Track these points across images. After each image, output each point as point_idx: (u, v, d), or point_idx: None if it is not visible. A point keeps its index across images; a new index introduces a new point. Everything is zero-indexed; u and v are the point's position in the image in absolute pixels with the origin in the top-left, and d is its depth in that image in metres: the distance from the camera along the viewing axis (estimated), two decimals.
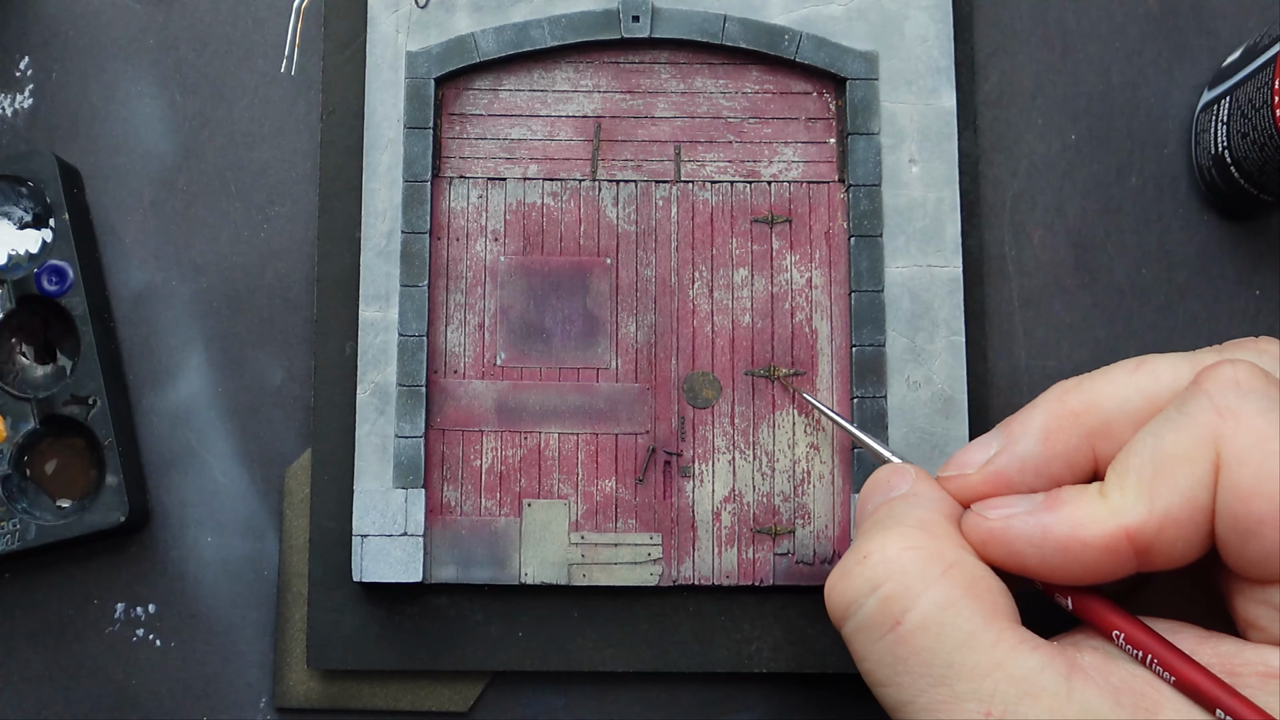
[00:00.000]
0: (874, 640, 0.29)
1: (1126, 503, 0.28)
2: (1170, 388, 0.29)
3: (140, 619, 0.43)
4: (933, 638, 0.28)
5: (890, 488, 0.32)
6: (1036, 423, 0.31)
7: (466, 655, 0.42)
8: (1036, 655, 0.27)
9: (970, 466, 0.31)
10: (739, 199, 0.43)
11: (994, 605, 0.28)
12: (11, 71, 0.45)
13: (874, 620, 0.29)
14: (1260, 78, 0.40)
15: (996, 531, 0.29)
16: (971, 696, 0.27)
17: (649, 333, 0.42)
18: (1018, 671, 0.27)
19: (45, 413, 0.42)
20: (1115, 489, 0.28)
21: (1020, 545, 0.29)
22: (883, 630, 0.28)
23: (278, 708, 0.42)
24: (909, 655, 0.28)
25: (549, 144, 0.43)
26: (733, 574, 0.41)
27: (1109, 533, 0.28)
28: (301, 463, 0.43)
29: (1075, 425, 0.30)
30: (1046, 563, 0.29)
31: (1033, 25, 0.45)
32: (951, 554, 0.29)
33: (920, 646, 0.28)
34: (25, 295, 0.42)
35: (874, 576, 0.29)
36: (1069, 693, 0.26)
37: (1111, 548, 0.28)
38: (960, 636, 0.27)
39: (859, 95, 0.42)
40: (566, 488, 0.41)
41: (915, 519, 0.30)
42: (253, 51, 0.45)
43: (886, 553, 0.29)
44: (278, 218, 0.45)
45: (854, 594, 0.29)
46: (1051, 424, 0.30)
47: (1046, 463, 0.30)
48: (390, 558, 0.40)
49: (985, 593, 0.28)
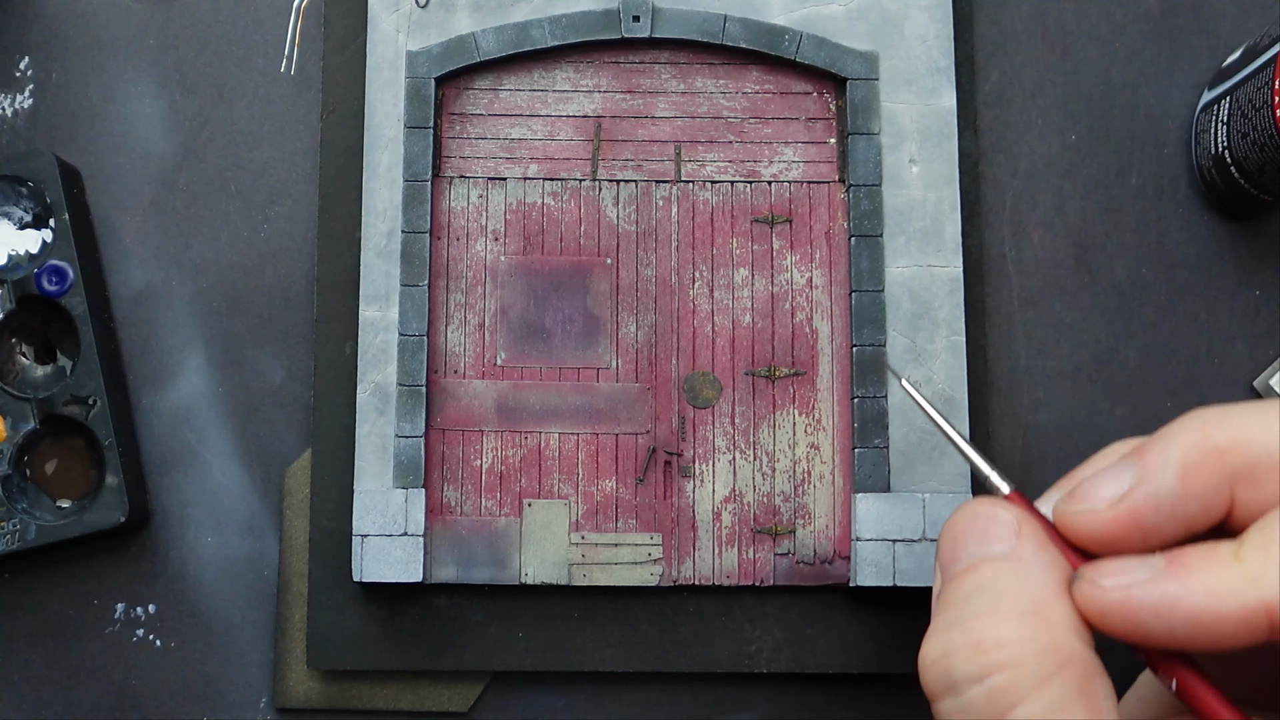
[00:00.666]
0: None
1: (1270, 573, 0.25)
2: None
3: (140, 619, 0.43)
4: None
5: (989, 538, 0.28)
6: (1175, 456, 0.27)
7: (466, 655, 0.42)
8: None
9: (1100, 502, 0.28)
10: (739, 199, 0.43)
11: (1101, 709, 0.26)
12: (11, 71, 0.45)
13: (979, 707, 0.26)
14: (1260, 78, 0.40)
15: (1116, 605, 0.26)
16: None
17: (649, 333, 0.42)
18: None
19: (45, 413, 0.42)
20: (1257, 556, 0.25)
21: (1144, 617, 0.26)
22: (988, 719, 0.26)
23: (278, 708, 0.42)
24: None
25: (549, 144, 0.43)
26: (733, 574, 0.41)
27: (1247, 607, 0.25)
28: (301, 463, 0.43)
29: (1218, 464, 0.27)
30: (1173, 636, 0.26)
31: (1033, 25, 0.45)
32: (1068, 648, 0.26)
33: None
34: (25, 295, 0.42)
35: (986, 664, 0.26)
36: None
37: (1249, 622, 0.25)
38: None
39: (859, 95, 0.42)
40: (567, 488, 0.41)
41: (1029, 599, 0.27)
42: (253, 51, 0.45)
43: (1001, 637, 0.26)
44: (278, 218, 0.45)
45: (959, 678, 0.27)
46: (1192, 459, 0.27)
47: (1184, 503, 0.27)
48: (390, 558, 0.40)
49: (1094, 695, 0.26)
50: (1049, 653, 0.26)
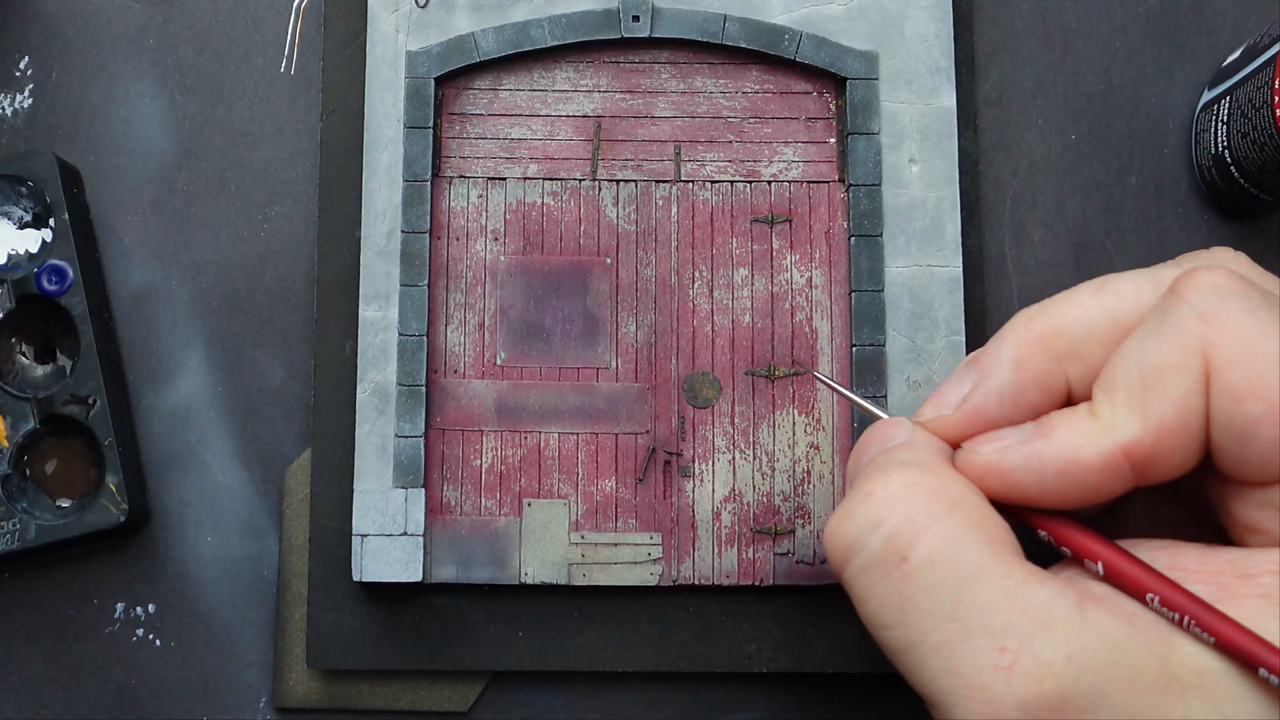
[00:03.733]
0: (879, 580, 0.28)
1: (1119, 419, 0.27)
2: (1135, 306, 0.29)
3: (140, 619, 0.43)
4: (941, 573, 0.27)
5: (887, 439, 0.31)
6: (1007, 354, 0.30)
7: (466, 655, 0.42)
8: (1047, 587, 0.26)
9: (947, 407, 0.30)
10: (739, 199, 0.43)
11: (1000, 540, 0.27)
12: (11, 71, 0.45)
13: (879, 559, 0.28)
14: (1260, 77, 0.40)
15: (992, 465, 0.28)
16: (984, 631, 0.26)
17: (649, 332, 0.42)
18: (1031, 603, 0.26)
19: (45, 412, 0.42)
20: (1105, 407, 0.28)
21: (1018, 475, 0.28)
22: (888, 568, 0.27)
23: (278, 708, 0.42)
24: (916, 593, 0.27)
25: (549, 144, 0.43)
26: (733, 574, 0.41)
27: (1106, 452, 0.27)
28: (301, 462, 0.43)
29: (1045, 351, 0.29)
30: (1046, 490, 0.28)
31: (1033, 25, 0.45)
32: (956, 490, 0.28)
33: (928, 583, 0.27)
34: (25, 295, 0.42)
35: (877, 514, 0.28)
36: (1083, 621, 0.26)
37: (1110, 466, 0.27)
38: (969, 570, 0.27)
39: (859, 95, 0.42)
40: (566, 487, 0.41)
41: (915, 460, 0.29)
42: (253, 51, 0.45)
43: (890, 490, 0.28)
44: (278, 218, 0.45)
45: (856, 533, 0.28)
46: (1021, 353, 0.30)
47: (1022, 391, 0.30)
48: (390, 557, 0.40)
49: (992, 528, 0.28)
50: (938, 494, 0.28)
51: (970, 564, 0.27)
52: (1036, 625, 0.26)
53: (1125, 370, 0.28)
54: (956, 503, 0.28)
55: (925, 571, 0.27)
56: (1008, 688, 0.26)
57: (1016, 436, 0.29)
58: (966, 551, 0.27)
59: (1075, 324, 0.29)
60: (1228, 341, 0.26)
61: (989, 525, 0.28)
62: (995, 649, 0.26)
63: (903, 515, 0.28)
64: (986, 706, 0.26)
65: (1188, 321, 0.27)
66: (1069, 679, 0.25)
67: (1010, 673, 0.26)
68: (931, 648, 0.27)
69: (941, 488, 0.28)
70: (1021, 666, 0.26)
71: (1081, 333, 0.29)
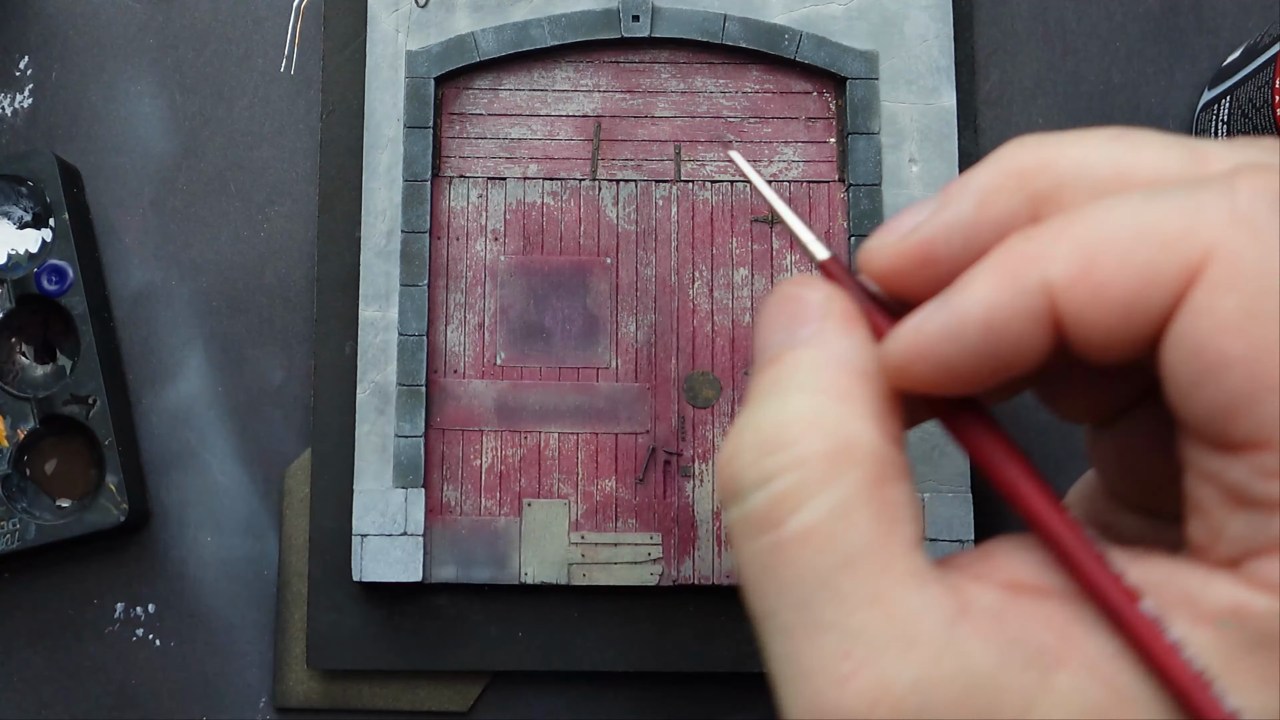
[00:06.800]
0: (751, 537, 0.24)
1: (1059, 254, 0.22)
2: (1152, 169, 0.23)
3: (140, 619, 0.43)
4: (813, 551, 0.23)
5: (794, 323, 0.26)
6: (975, 182, 0.25)
7: (466, 655, 0.42)
8: (924, 593, 0.22)
9: (894, 234, 0.25)
10: (739, 199, 0.43)
11: (895, 520, 0.23)
12: (11, 71, 0.45)
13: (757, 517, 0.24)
14: (1260, 77, 0.40)
15: (913, 345, 0.23)
16: (834, 629, 0.22)
17: (649, 332, 0.42)
18: (898, 610, 0.22)
19: (45, 412, 0.42)
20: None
21: (942, 349, 0.23)
22: (762, 529, 0.24)
23: (277, 708, 0.42)
24: (781, 565, 0.23)
25: (549, 143, 0.43)
26: (733, 574, 0.41)
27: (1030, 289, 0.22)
28: (301, 463, 0.43)
29: (1019, 186, 0.24)
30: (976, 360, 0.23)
31: (1033, 25, 0.45)
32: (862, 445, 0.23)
33: (796, 559, 0.23)
34: (25, 295, 0.42)
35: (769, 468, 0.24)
36: (947, 643, 0.22)
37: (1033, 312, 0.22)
38: (845, 555, 0.23)
39: (859, 95, 0.42)
40: (566, 487, 0.41)
41: (826, 389, 0.25)
42: (253, 51, 0.45)
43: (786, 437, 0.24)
44: (278, 217, 0.45)
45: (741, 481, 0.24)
46: (993, 183, 0.24)
47: (977, 230, 0.24)
48: (390, 557, 0.40)
49: (889, 504, 0.23)
50: (837, 451, 0.23)
51: (848, 547, 0.23)
52: (893, 638, 0.22)
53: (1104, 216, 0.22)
54: (858, 464, 0.23)
55: (797, 545, 0.23)
56: (838, 700, 0.22)
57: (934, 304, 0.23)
58: (850, 531, 0.23)
59: (1069, 164, 0.24)
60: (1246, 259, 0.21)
61: (888, 499, 0.23)
62: (840, 653, 0.22)
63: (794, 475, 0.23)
64: (814, 711, 0.22)
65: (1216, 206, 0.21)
66: (909, 709, 0.22)
67: (846, 685, 0.22)
68: (779, 627, 0.23)
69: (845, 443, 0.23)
70: (861, 682, 0.22)
71: (1072, 176, 0.24)
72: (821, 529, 0.23)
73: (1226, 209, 0.21)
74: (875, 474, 0.23)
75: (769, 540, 0.23)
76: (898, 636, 0.22)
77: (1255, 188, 0.21)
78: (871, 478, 0.23)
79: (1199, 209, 0.21)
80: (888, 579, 0.23)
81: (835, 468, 0.23)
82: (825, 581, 0.23)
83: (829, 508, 0.23)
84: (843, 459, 0.23)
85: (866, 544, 0.23)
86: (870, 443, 0.24)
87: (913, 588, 0.22)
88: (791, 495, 0.23)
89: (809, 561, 0.23)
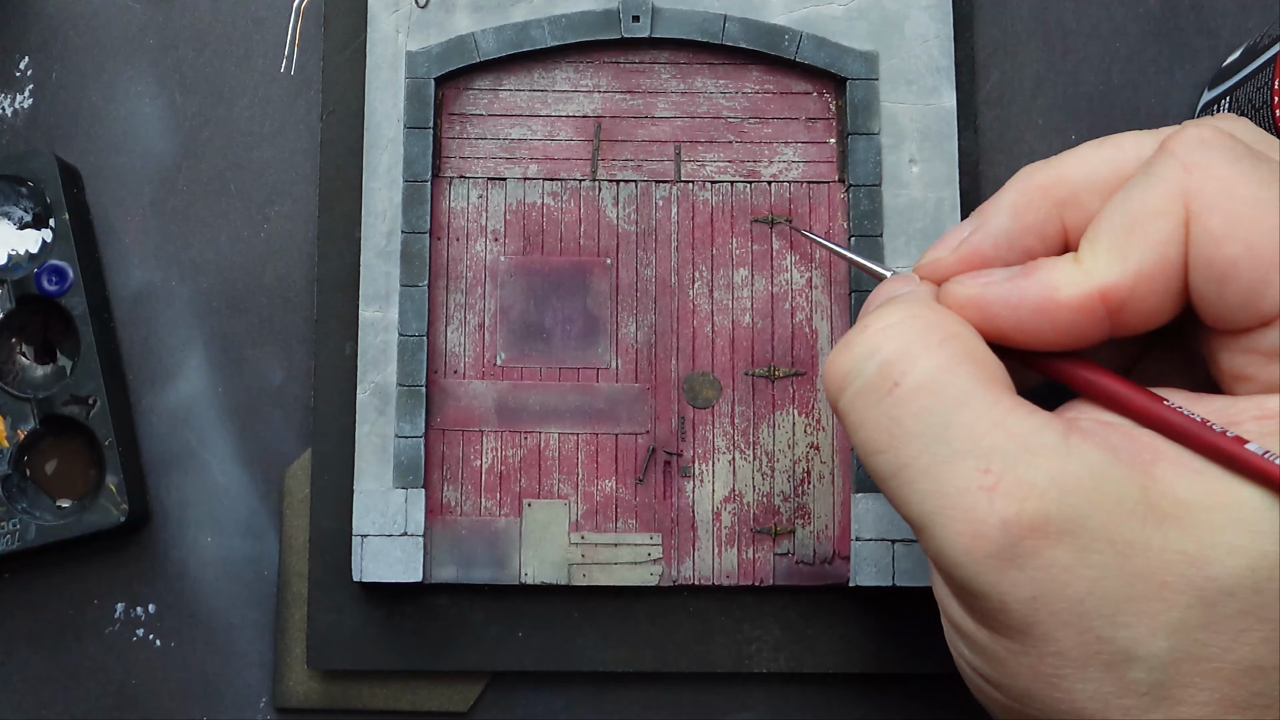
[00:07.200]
0: (872, 405, 0.29)
1: (1100, 264, 0.28)
2: (1135, 157, 0.30)
3: (140, 619, 0.43)
4: (932, 397, 0.28)
5: (892, 291, 0.32)
6: (1006, 199, 0.31)
7: (466, 655, 0.42)
8: (1035, 417, 0.27)
9: (945, 250, 0.32)
10: (739, 199, 0.43)
11: (992, 374, 0.28)
12: (11, 71, 0.45)
13: (873, 384, 0.29)
14: (1260, 78, 0.40)
15: (974, 297, 0.30)
16: (970, 454, 0.27)
17: (649, 333, 0.42)
18: (1018, 429, 0.27)
19: (45, 413, 0.42)
20: (1089, 253, 0.29)
21: (996, 309, 0.29)
22: (881, 393, 0.28)
23: (277, 708, 0.42)
24: (907, 416, 0.28)
25: (549, 144, 0.43)
26: (733, 574, 0.41)
27: (1083, 293, 0.28)
28: (301, 463, 0.43)
29: (1044, 198, 0.30)
30: (1021, 326, 0.29)
31: (1033, 25, 0.45)
32: (951, 325, 0.29)
33: (919, 407, 0.28)
34: (25, 295, 0.42)
35: (874, 343, 0.29)
36: (1068, 450, 0.26)
37: (1085, 307, 0.28)
38: (959, 396, 0.27)
39: (859, 95, 0.42)
40: (566, 488, 0.41)
41: (914, 299, 0.31)
42: (253, 51, 0.45)
43: (887, 321, 0.29)
44: (278, 218, 0.45)
45: (853, 361, 0.29)
46: (1021, 200, 0.31)
47: (1019, 236, 0.31)
48: (390, 558, 0.40)
49: (984, 362, 0.28)
50: (934, 328, 0.29)
51: (960, 391, 0.28)
52: (1022, 450, 0.26)
53: (1110, 219, 0.28)
54: (951, 336, 0.29)
55: (916, 397, 0.28)
56: (990, 507, 0.26)
57: (1001, 275, 0.30)
58: (957, 379, 0.28)
59: (1075, 173, 0.30)
60: (1209, 188, 0.27)
61: (981, 359, 0.28)
62: (980, 470, 0.26)
63: (898, 344, 0.29)
64: (970, 526, 0.26)
65: (1171, 170, 0.28)
66: (1052, 501, 0.26)
67: (994, 493, 0.26)
68: (919, 470, 0.27)
69: (938, 322, 0.29)
70: (1005, 487, 0.26)
71: (1081, 182, 0.30)
72: (935, 379, 0.28)
73: (1174, 165, 0.28)
74: (969, 344, 0.29)
75: (890, 400, 0.28)
76: (1026, 448, 0.26)
77: (1185, 143, 0.28)
78: (967, 344, 0.29)
79: (1161, 178, 0.28)
80: (1000, 409, 0.27)
81: (934, 338, 0.29)
82: (949, 420, 0.27)
83: (936, 364, 0.28)
84: (938, 332, 0.29)
85: (975, 388, 0.28)
86: (960, 329, 0.29)
87: (1024, 414, 0.27)
88: (899, 359, 0.28)
89: (931, 406, 0.28)
